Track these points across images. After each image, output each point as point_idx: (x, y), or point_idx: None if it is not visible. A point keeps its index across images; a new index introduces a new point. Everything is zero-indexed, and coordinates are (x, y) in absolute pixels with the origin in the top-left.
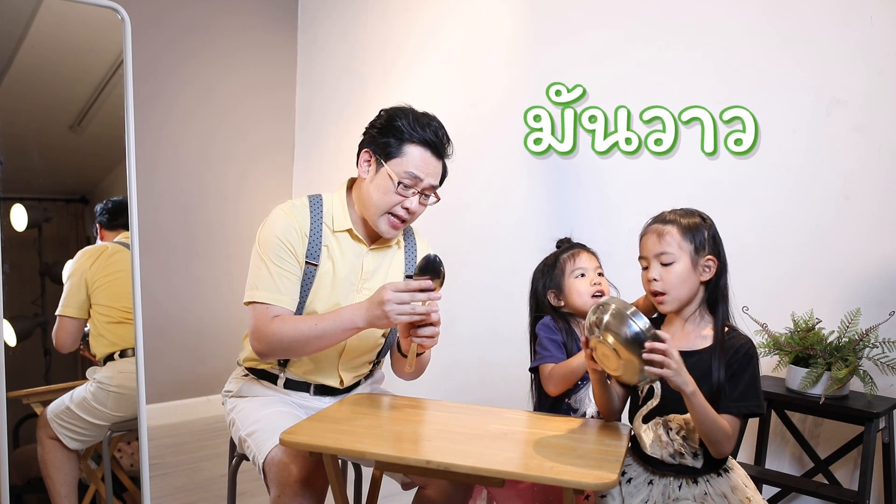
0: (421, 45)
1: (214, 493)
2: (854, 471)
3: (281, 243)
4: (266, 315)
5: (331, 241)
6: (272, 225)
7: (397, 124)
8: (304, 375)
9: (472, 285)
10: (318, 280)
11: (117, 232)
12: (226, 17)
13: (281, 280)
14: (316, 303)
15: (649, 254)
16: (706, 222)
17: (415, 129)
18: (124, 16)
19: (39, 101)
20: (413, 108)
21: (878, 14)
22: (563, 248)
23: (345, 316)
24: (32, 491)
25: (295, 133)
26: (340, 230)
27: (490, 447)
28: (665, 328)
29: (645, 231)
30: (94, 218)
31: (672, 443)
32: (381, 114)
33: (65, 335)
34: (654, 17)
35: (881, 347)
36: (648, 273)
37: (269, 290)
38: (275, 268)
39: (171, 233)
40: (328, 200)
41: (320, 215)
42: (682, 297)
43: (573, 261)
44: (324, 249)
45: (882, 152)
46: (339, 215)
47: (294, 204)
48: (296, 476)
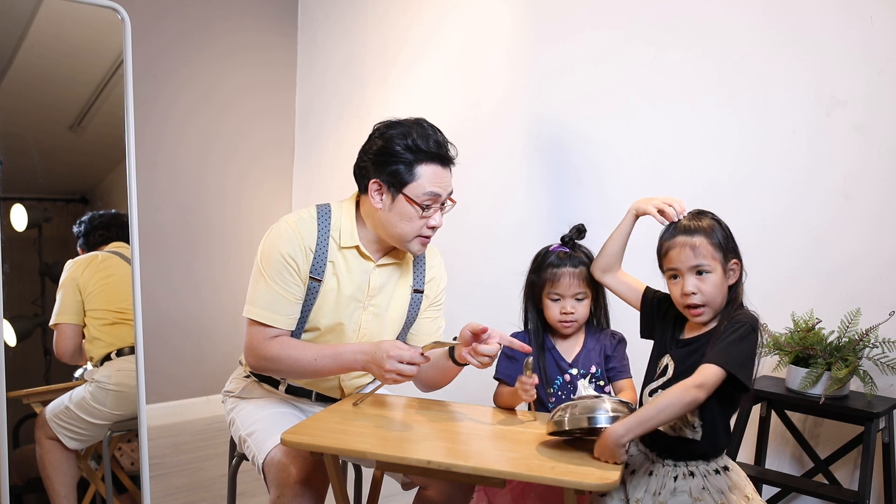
0: (421, 46)
1: (214, 493)
2: (854, 471)
3: (283, 260)
4: (263, 334)
5: (337, 256)
6: (276, 240)
7: (398, 149)
8: (306, 384)
9: (472, 285)
10: (322, 296)
11: (101, 248)
12: (226, 17)
13: (279, 300)
14: (319, 319)
15: (683, 266)
16: (720, 224)
17: (418, 148)
18: (124, 16)
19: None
20: (403, 121)
21: (878, 14)
22: (553, 263)
23: (345, 358)
24: (32, 491)
25: (295, 133)
26: (347, 246)
27: (490, 447)
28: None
29: (671, 244)
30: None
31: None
32: (376, 139)
33: (66, 342)
34: (654, 17)
35: (881, 347)
36: (682, 286)
37: (267, 310)
38: (275, 286)
39: (171, 233)
40: (336, 212)
41: (328, 229)
42: (718, 306)
43: (552, 283)
44: (329, 266)
45: (882, 152)
46: (346, 231)
47: (301, 217)
48: (295, 476)
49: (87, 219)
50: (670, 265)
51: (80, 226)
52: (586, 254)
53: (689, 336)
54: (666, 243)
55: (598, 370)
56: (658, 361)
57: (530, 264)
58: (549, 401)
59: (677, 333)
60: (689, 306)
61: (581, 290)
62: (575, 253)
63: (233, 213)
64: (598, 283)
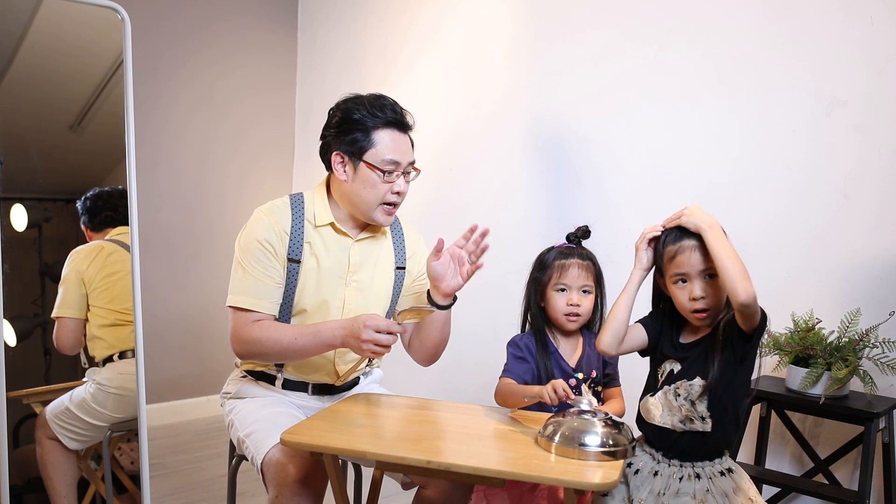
0: (421, 46)
1: (214, 493)
2: (854, 471)
3: (261, 246)
4: (245, 320)
5: (313, 237)
6: (252, 228)
7: (355, 117)
8: (301, 373)
9: (472, 285)
10: (303, 276)
11: (105, 231)
12: (226, 17)
13: (260, 285)
14: (304, 300)
15: (693, 270)
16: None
17: (374, 114)
18: (124, 16)
19: (39, 101)
20: (359, 94)
21: (878, 14)
22: (561, 252)
23: (324, 335)
24: (32, 491)
25: (295, 133)
26: (322, 224)
27: (490, 447)
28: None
29: (679, 247)
30: (79, 216)
31: (681, 408)
32: (334, 113)
33: (66, 335)
34: (654, 17)
35: (881, 347)
36: (691, 290)
37: (248, 295)
38: (254, 271)
39: (171, 233)
40: (309, 198)
41: (301, 212)
42: (720, 309)
43: (559, 273)
44: (306, 246)
45: (882, 152)
46: (320, 210)
47: (275, 203)
48: (294, 476)
49: (93, 195)
50: (678, 270)
51: (86, 202)
52: (592, 255)
53: (692, 339)
54: (671, 248)
55: (597, 375)
56: (658, 369)
57: (533, 264)
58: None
59: (676, 338)
60: (695, 311)
61: (588, 283)
62: (581, 249)
63: (233, 213)
64: (601, 281)
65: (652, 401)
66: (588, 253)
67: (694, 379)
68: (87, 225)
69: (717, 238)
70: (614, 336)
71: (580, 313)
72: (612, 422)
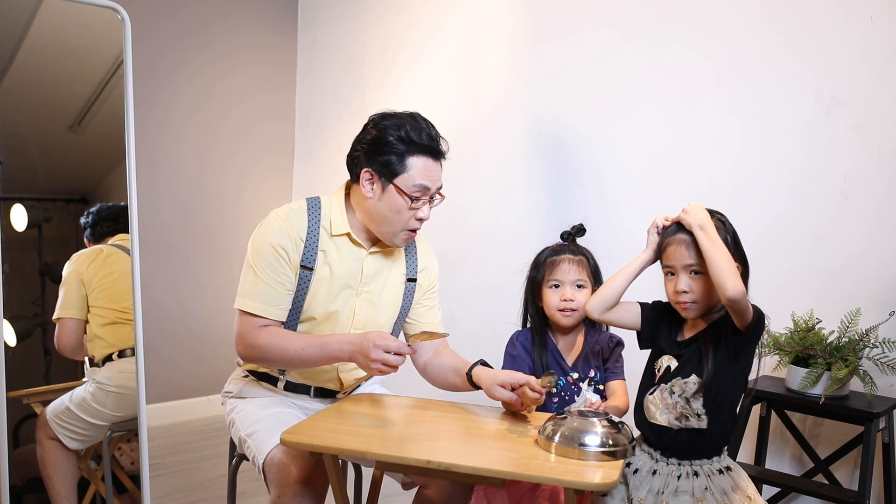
0: (421, 46)
1: (214, 493)
2: (854, 471)
3: (274, 251)
4: (252, 324)
5: (328, 245)
6: (266, 231)
7: (391, 139)
8: (304, 377)
9: (472, 285)
10: (315, 284)
11: (105, 240)
12: (226, 17)
13: (270, 290)
14: (314, 308)
15: (678, 264)
16: (725, 225)
17: (410, 139)
18: (124, 16)
19: (39, 101)
20: (398, 113)
21: (878, 14)
22: (553, 250)
23: (331, 348)
24: (32, 491)
25: (295, 133)
26: (339, 234)
27: (490, 447)
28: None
29: (670, 240)
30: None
31: (676, 406)
32: (370, 129)
33: (68, 337)
34: (654, 17)
35: (881, 347)
36: (675, 283)
37: (257, 300)
38: (266, 276)
39: (171, 233)
40: (326, 204)
41: (318, 219)
42: (710, 305)
43: (552, 269)
44: (320, 254)
45: (882, 152)
46: (337, 219)
47: (291, 208)
48: (295, 476)
49: (95, 210)
50: (667, 262)
51: (88, 217)
52: (585, 251)
53: (689, 336)
54: (667, 240)
55: (596, 374)
56: (655, 364)
57: (530, 265)
58: (553, 401)
59: (675, 335)
60: (679, 301)
61: (581, 277)
62: (574, 246)
63: (233, 213)
64: (598, 276)
65: (650, 398)
66: (581, 248)
67: (689, 376)
68: (90, 238)
69: (708, 236)
70: (602, 301)
71: (575, 307)
72: (611, 422)
